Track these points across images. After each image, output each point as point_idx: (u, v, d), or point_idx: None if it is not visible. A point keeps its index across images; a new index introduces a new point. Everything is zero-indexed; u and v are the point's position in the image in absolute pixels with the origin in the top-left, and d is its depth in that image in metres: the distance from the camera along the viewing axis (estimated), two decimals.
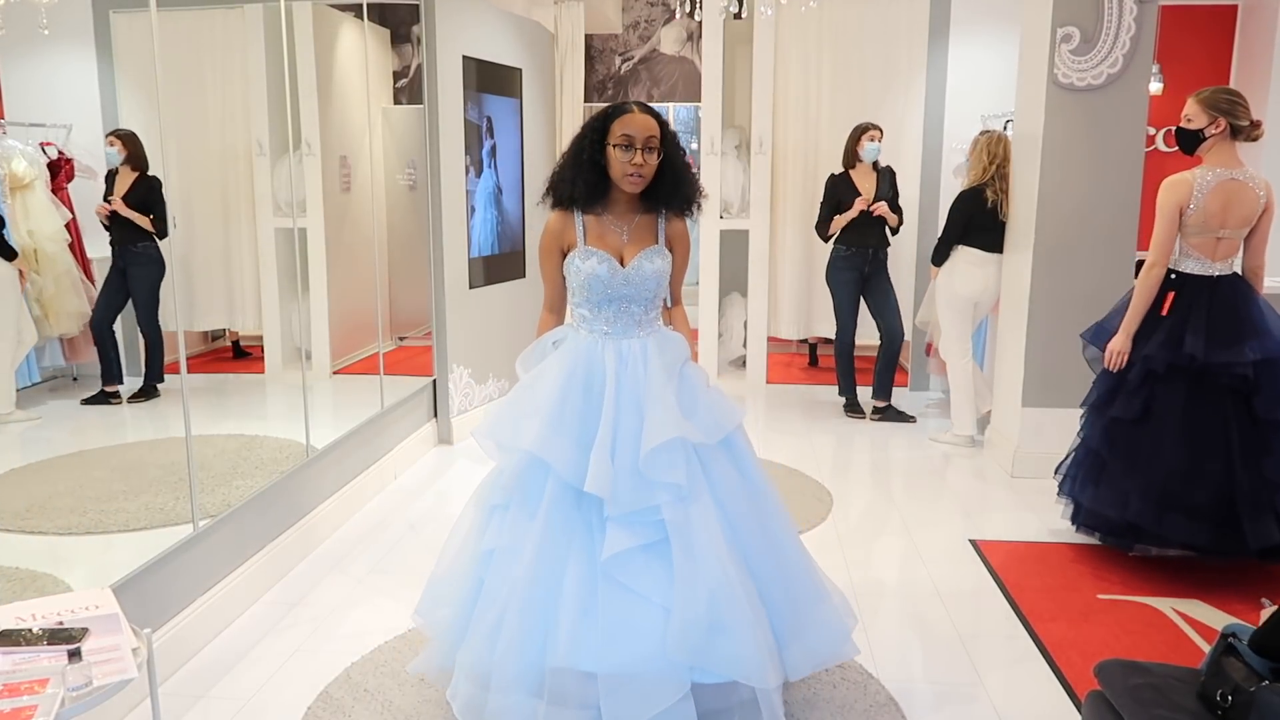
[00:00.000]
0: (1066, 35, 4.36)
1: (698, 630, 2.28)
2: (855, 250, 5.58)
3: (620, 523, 2.34)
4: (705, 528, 2.36)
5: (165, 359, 3.57)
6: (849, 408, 5.82)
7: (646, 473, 2.33)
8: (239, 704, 2.71)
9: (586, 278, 2.51)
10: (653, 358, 2.50)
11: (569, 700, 2.29)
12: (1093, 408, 3.69)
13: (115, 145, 3.28)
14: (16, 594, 2.62)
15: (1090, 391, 3.73)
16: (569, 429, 2.41)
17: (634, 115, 2.47)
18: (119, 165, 3.31)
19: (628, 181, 2.48)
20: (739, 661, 2.30)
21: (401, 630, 3.11)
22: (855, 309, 5.68)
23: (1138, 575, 3.54)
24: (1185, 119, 3.49)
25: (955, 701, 2.74)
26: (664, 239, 2.58)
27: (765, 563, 2.46)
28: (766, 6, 5.98)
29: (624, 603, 2.32)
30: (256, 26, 3.99)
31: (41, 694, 1.70)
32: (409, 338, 5.40)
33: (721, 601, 2.30)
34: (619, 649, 2.28)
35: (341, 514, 4.07)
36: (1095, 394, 3.69)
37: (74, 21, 3.26)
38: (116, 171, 3.33)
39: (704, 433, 2.44)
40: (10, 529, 2.94)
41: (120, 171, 3.33)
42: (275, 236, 4.24)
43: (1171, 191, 3.45)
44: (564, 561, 2.36)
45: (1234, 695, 1.82)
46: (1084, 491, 3.63)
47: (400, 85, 6.20)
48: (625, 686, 2.27)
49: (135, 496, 3.25)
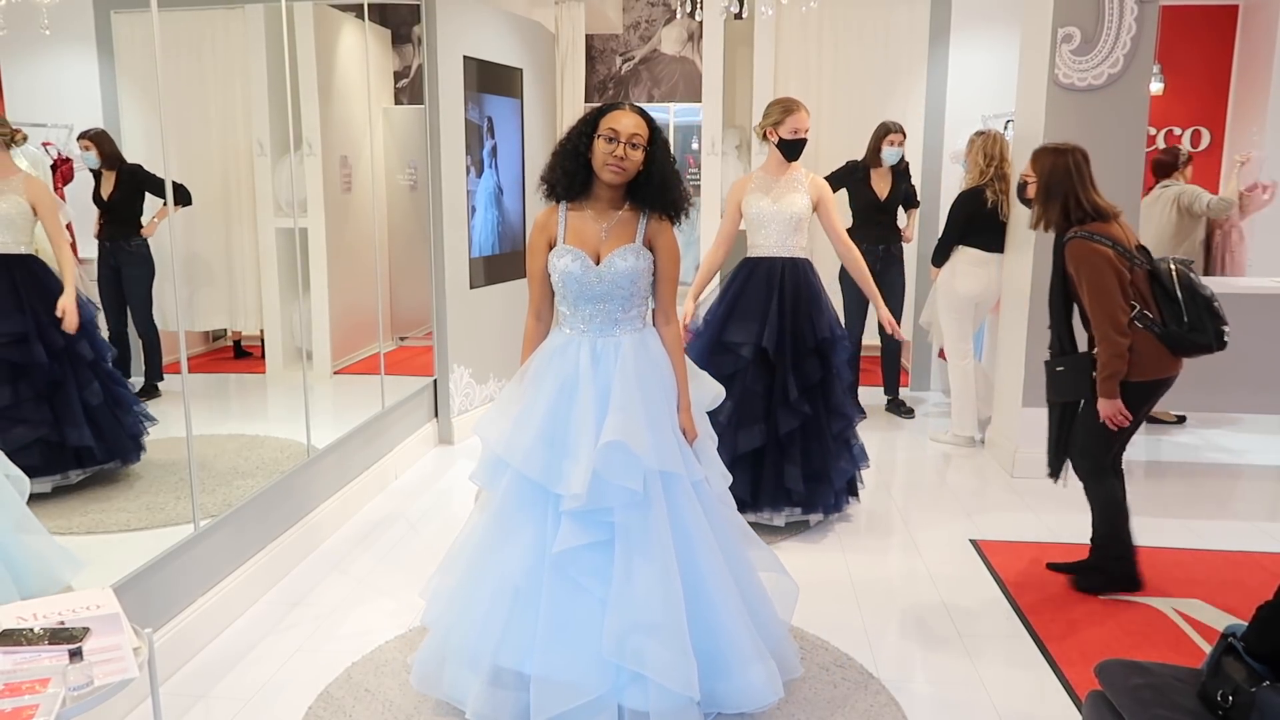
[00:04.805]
0: (1067, 35, 4.36)
1: (633, 630, 2.36)
2: (864, 247, 5.56)
3: (575, 518, 2.40)
4: (656, 538, 2.41)
5: (165, 359, 3.57)
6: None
7: (603, 473, 2.38)
8: (240, 704, 2.71)
9: (561, 275, 2.54)
10: (627, 357, 2.52)
11: (507, 686, 2.44)
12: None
13: (91, 149, 3.26)
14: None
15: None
16: (534, 426, 2.47)
17: (624, 112, 2.50)
18: (99, 168, 3.31)
19: (607, 171, 2.48)
20: (669, 667, 2.35)
21: (402, 630, 3.11)
22: (863, 311, 5.65)
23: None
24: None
25: (955, 701, 2.74)
26: (643, 238, 2.56)
27: (702, 607, 2.48)
28: (767, 7, 5.98)
29: (568, 597, 2.40)
30: (257, 26, 3.99)
31: (43, 693, 1.70)
32: (410, 338, 5.41)
33: (658, 606, 2.36)
34: (558, 647, 2.38)
35: (342, 514, 4.07)
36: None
37: (75, 22, 3.25)
38: (100, 174, 3.32)
39: (657, 456, 2.44)
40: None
41: (102, 174, 3.32)
42: (276, 237, 4.24)
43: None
44: (513, 552, 2.46)
45: (1235, 695, 1.81)
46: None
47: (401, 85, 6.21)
48: (556, 691, 2.37)
49: (136, 496, 3.25)
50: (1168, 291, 3.19)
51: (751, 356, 3.81)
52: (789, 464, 3.81)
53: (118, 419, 3.24)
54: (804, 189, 3.92)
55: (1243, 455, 5.16)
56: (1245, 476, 4.83)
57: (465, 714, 2.49)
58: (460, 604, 2.55)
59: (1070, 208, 3.25)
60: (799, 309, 3.84)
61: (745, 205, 3.96)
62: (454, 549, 2.66)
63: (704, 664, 2.44)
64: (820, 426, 3.85)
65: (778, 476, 3.83)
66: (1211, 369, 4.37)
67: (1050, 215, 3.31)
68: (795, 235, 3.90)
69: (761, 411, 3.81)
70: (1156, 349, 3.19)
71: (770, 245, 3.92)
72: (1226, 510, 4.29)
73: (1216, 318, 3.18)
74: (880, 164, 5.51)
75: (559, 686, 2.36)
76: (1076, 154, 3.30)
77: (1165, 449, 5.21)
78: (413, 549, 3.83)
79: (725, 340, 3.86)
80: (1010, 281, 4.87)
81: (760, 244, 3.95)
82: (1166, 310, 3.19)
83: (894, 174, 5.54)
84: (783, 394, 3.78)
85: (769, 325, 3.80)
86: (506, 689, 2.43)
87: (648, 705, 2.39)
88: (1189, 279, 3.19)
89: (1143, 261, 3.22)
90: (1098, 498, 3.41)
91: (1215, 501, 4.40)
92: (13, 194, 2.92)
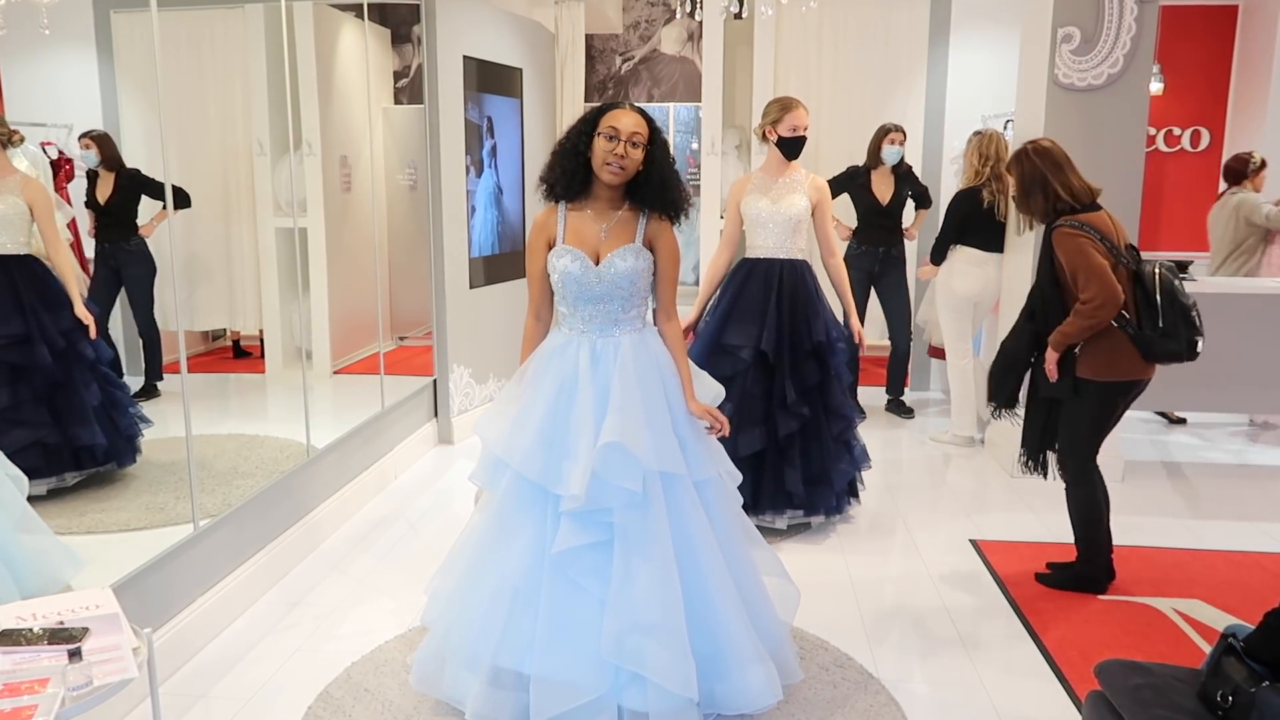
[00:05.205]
0: (1067, 35, 4.36)
1: (632, 630, 2.35)
2: (865, 249, 5.58)
3: (574, 519, 2.40)
4: (655, 538, 2.41)
5: (165, 358, 3.57)
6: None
7: (602, 474, 2.38)
8: (239, 704, 2.71)
9: (561, 275, 2.53)
10: (627, 358, 2.51)
11: (507, 686, 2.43)
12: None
13: (91, 148, 3.26)
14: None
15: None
16: (533, 426, 2.46)
17: (624, 111, 2.50)
18: (97, 168, 3.30)
19: (606, 170, 2.47)
20: (668, 668, 2.35)
21: (402, 630, 3.11)
22: (861, 312, 5.65)
23: (1138, 575, 3.54)
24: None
25: (955, 701, 2.74)
26: (643, 238, 2.56)
27: (702, 607, 2.49)
28: (767, 7, 5.98)
29: (567, 597, 2.40)
30: (257, 26, 3.99)
31: (42, 694, 1.70)
32: (409, 337, 5.41)
33: (657, 607, 2.36)
34: (557, 647, 2.37)
35: (342, 514, 4.07)
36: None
37: (75, 21, 3.25)
38: (97, 174, 3.32)
39: (657, 456, 2.43)
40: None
41: (100, 174, 3.32)
42: (276, 236, 4.24)
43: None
44: (512, 552, 2.45)
45: (1234, 695, 1.81)
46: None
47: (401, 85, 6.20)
48: (556, 692, 2.36)
49: (135, 496, 3.25)
50: (1148, 294, 3.19)
51: (751, 359, 3.81)
52: (789, 467, 3.81)
53: (114, 421, 3.23)
54: (803, 190, 3.92)
55: (1243, 455, 5.16)
56: (1245, 476, 4.83)
57: (465, 714, 2.48)
58: (459, 604, 2.55)
59: (1052, 199, 3.28)
60: (797, 311, 3.84)
61: (744, 206, 3.96)
62: (454, 549, 2.66)
63: (703, 665, 2.44)
64: (819, 429, 3.85)
65: (778, 479, 3.82)
66: (1212, 369, 4.38)
67: (1034, 209, 3.34)
68: (794, 237, 3.90)
69: (761, 414, 3.80)
70: (1129, 350, 3.19)
71: (769, 246, 3.91)
72: (1226, 510, 4.29)
73: (1192, 327, 3.17)
74: (881, 164, 5.50)
75: (558, 687, 2.36)
76: (1039, 146, 3.35)
77: (1165, 449, 5.21)
78: (412, 549, 3.83)
79: (724, 343, 3.85)
80: (1010, 281, 4.87)
81: (758, 245, 3.94)
82: (1144, 313, 3.19)
83: (896, 177, 5.53)
84: (781, 397, 3.78)
85: (768, 328, 3.79)
86: (506, 689, 2.43)
87: (647, 706, 2.38)
88: (1171, 285, 3.18)
89: (1129, 260, 3.23)
90: (1079, 501, 3.41)
91: (1215, 501, 4.40)
92: (10, 194, 2.92)
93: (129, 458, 3.32)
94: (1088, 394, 3.26)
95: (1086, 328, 3.16)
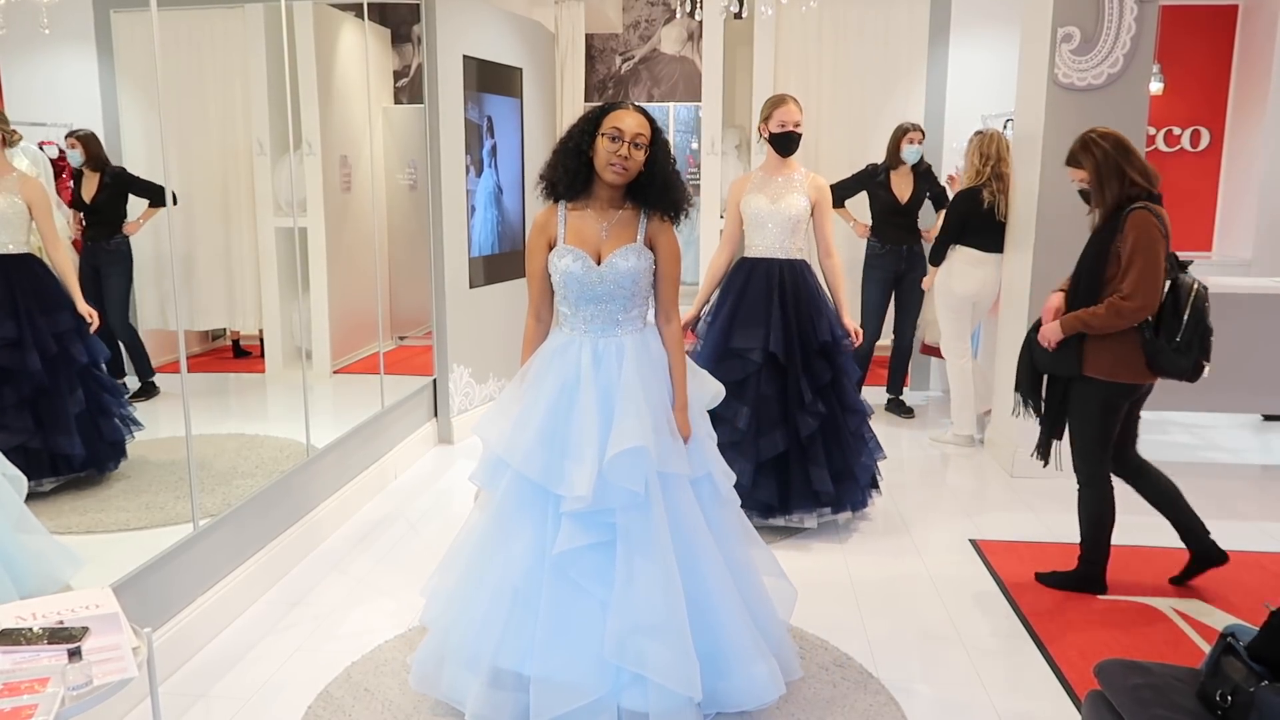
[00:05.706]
0: (1067, 35, 4.36)
1: (634, 632, 2.36)
2: (889, 248, 5.55)
3: (576, 519, 2.39)
4: (657, 538, 2.41)
5: (164, 358, 3.56)
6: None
7: (608, 476, 2.38)
8: (239, 703, 2.71)
9: (562, 276, 2.53)
10: (629, 358, 2.51)
11: (506, 687, 2.43)
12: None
13: (76, 148, 3.23)
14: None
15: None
16: (534, 426, 2.46)
17: (628, 111, 2.49)
18: (82, 167, 3.28)
19: (610, 171, 2.47)
20: (672, 669, 2.35)
21: (401, 630, 3.11)
22: (882, 312, 5.62)
23: (1138, 575, 3.54)
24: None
25: (955, 701, 2.74)
26: (644, 238, 2.56)
27: (702, 606, 2.49)
28: (767, 6, 5.98)
29: (568, 598, 2.40)
30: (257, 26, 3.99)
31: (42, 693, 1.70)
32: (409, 337, 5.40)
33: (660, 607, 2.36)
34: (558, 648, 2.37)
35: (341, 514, 4.07)
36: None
37: (75, 21, 3.25)
38: (82, 174, 3.31)
39: (660, 457, 2.45)
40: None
41: (85, 173, 3.30)
42: (276, 236, 4.24)
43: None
44: (512, 553, 2.45)
45: (1234, 695, 1.82)
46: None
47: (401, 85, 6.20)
48: (556, 693, 2.37)
49: (135, 496, 3.25)
50: (1178, 306, 3.15)
51: (760, 361, 3.79)
52: (814, 466, 3.78)
53: (97, 426, 3.20)
54: (803, 190, 3.91)
55: (1243, 455, 5.16)
56: (1245, 476, 4.83)
57: (465, 715, 2.48)
58: (459, 604, 2.55)
59: (1127, 185, 3.18)
60: (801, 311, 3.84)
61: (743, 205, 3.95)
62: (453, 549, 2.66)
63: (705, 663, 2.44)
64: (838, 425, 3.84)
65: (805, 479, 3.80)
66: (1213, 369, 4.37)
67: (1108, 198, 3.22)
68: (793, 236, 3.89)
69: (779, 415, 3.78)
70: (1136, 355, 3.18)
71: (768, 246, 3.91)
72: (1226, 510, 4.29)
73: (1205, 351, 3.18)
74: (901, 163, 5.49)
75: (559, 688, 2.36)
76: (1105, 132, 3.28)
77: (1165, 449, 5.20)
78: (412, 549, 3.83)
79: (732, 347, 3.83)
80: (1010, 281, 4.87)
81: (757, 244, 3.94)
82: (1166, 323, 3.16)
83: (915, 176, 5.52)
84: (798, 397, 3.77)
85: (774, 328, 3.79)
86: (506, 690, 2.43)
87: (647, 706, 2.39)
88: (1203, 305, 3.16)
89: (1170, 266, 3.19)
90: (1087, 502, 3.40)
91: (1215, 501, 4.39)
92: (8, 193, 2.92)
93: (111, 463, 3.27)
94: (1092, 392, 3.25)
95: (1111, 325, 3.14)
